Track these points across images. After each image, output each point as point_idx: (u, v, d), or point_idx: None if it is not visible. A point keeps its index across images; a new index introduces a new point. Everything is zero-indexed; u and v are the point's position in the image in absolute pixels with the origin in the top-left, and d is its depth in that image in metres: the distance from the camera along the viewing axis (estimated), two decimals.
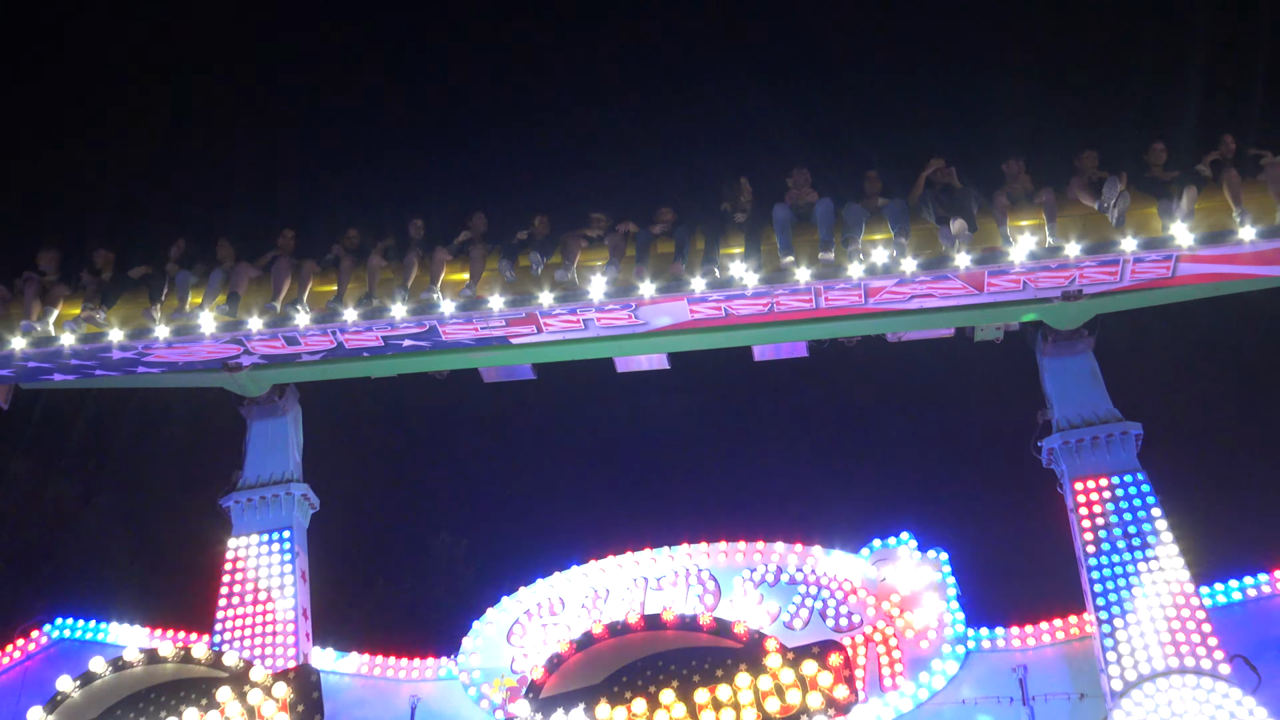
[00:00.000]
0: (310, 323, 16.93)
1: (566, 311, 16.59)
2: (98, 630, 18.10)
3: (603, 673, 12.21)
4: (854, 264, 15.89)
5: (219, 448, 18.54)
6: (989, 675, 16.05)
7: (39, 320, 17.47)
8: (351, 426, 19.39)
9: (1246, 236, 15.26)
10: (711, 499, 19.14)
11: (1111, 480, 16.04)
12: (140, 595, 18.56)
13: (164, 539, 19.47)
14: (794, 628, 16.29)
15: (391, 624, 18.10)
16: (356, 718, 16.95)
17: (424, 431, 20.33)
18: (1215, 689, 14.44)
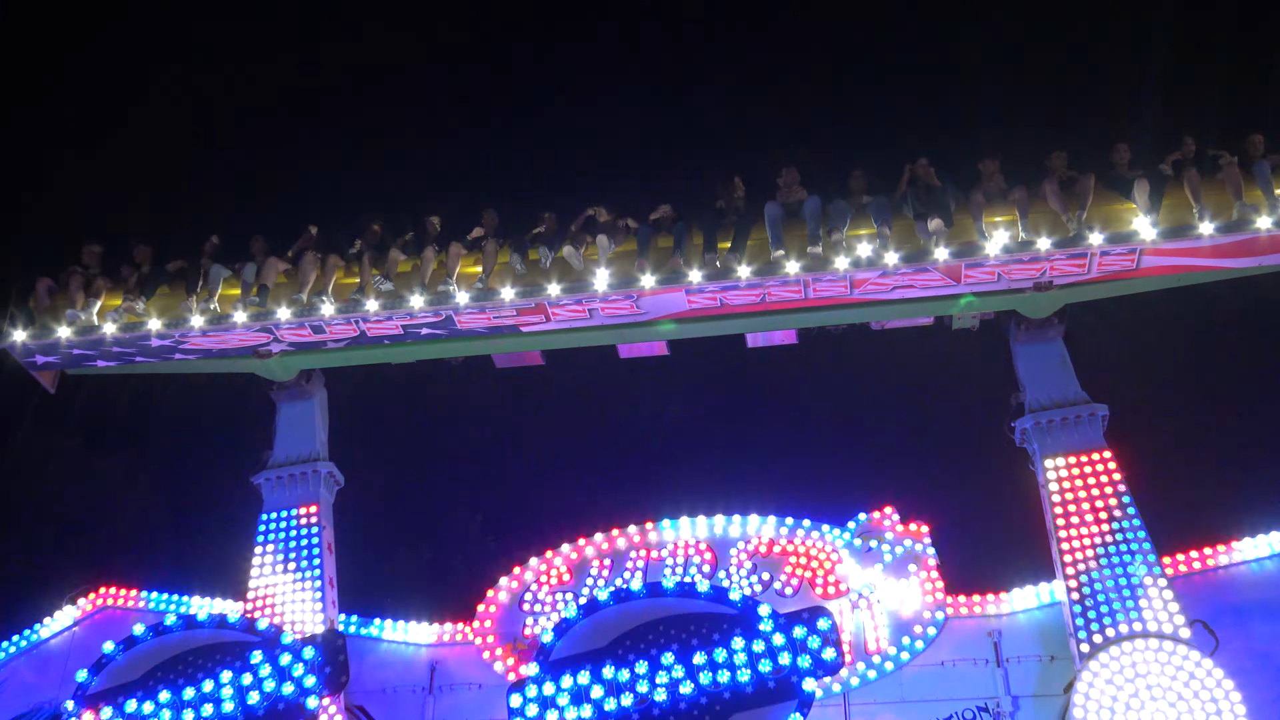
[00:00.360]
0: (335, 312, 16.98)
1: (573, 302, 16.64)
2: (138, 598, 18.25)
3: (608, 636, 12.22)
4: (840, 257, 15.94)
5: (250, 429, 18.56)
6: (966, 639, 16.08)
7: (83, 311, 17.52)
8: (374, 409, 19.43)
9: (1206, 231, 15.30)
10: (709, 476, 19.17)
11: (1080, 458, 16.05)
12: (178, 566, 18.63)
13: (200, 514, 19.52)
14: (785, 595, 16.30)
15: (412, 592, 18.14)
16: (380, 679, 17.02)
17: (441, 414, 20.36)
18: (1176, 651, 14.49)
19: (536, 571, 17.25)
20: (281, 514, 17.66)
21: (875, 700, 15.83)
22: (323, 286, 17.08)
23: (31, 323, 17.66)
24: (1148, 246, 15.46)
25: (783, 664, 11.83)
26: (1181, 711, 14.14)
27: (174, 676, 12.99)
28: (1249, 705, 14.11)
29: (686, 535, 17.06)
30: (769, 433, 20.83)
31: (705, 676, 11.84)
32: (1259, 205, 15.23)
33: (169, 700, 12.78)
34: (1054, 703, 15.33)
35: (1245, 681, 14.33)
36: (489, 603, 17.18)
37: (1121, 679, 14.44)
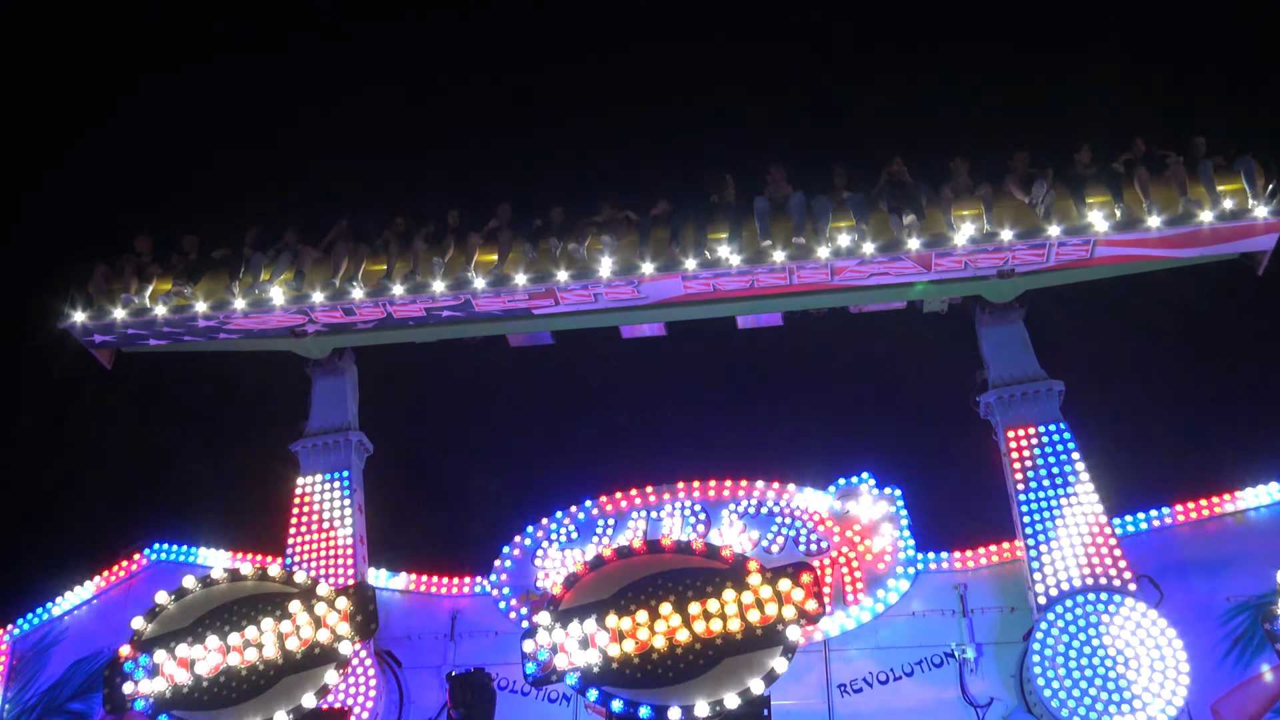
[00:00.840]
0: (364, 296, 17.05)
1: (580, 287, 16.70)
2: (189, 554, 18.32)
3: (611, 589, 12.20)
4: (822, 247, 16.01)
5: (288, 401, 18.62)
6: (935, 592, 16.18)
7: (136, 294, 17.60)
8: (400, 383, 19.44)
9: (1154, 224, 15.37)
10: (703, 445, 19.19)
11: (1038, 429, 16.12)
12: (224, 525, 18.65)
13: (243, 478, 19.55)
14: (772, 552, 16.40)
15: (435, 549, 18.14)
16: (406, 627, 17.17)
17: (461, 388, 20.35)
18: (1124, 603, 14.60)
19: (547, 530, 17.34)
20: (316, 478, 17.75)
21: (852, 647, 15.98)
22: (353, 273, 17.16)
23: (90, 305, 17.75)
24: (1101, 238, 15.53)
25: (769, 614, 11.83)
26: (1129, 657, 14.24)
27: (220, 624, 12.99)
28: (1190, 651, 14.22)
29: (683, 498, 17.15)
30: (757, 405, 20.86)
31: (699, 625, 11.83)
32: (1202, 201, 15.30)
33: (216, 644, 12.83)
34: (1014, 649, 15.41)
35: (1186, 630, 14.44)
36: (504, 558, 17.25)
37: (1074, 628, 14.53)
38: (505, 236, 16.99)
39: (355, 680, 16.04)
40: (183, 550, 18.39)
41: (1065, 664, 14.35)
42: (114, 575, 18.56)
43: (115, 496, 21.39)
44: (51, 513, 21.88)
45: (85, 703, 17.64)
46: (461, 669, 13.00)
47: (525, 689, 15.61)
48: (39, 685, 18.06)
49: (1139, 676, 14.08)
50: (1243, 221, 15.22)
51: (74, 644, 18.24)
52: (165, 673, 12.81)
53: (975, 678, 15.53)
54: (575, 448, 20.01)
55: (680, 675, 11.69)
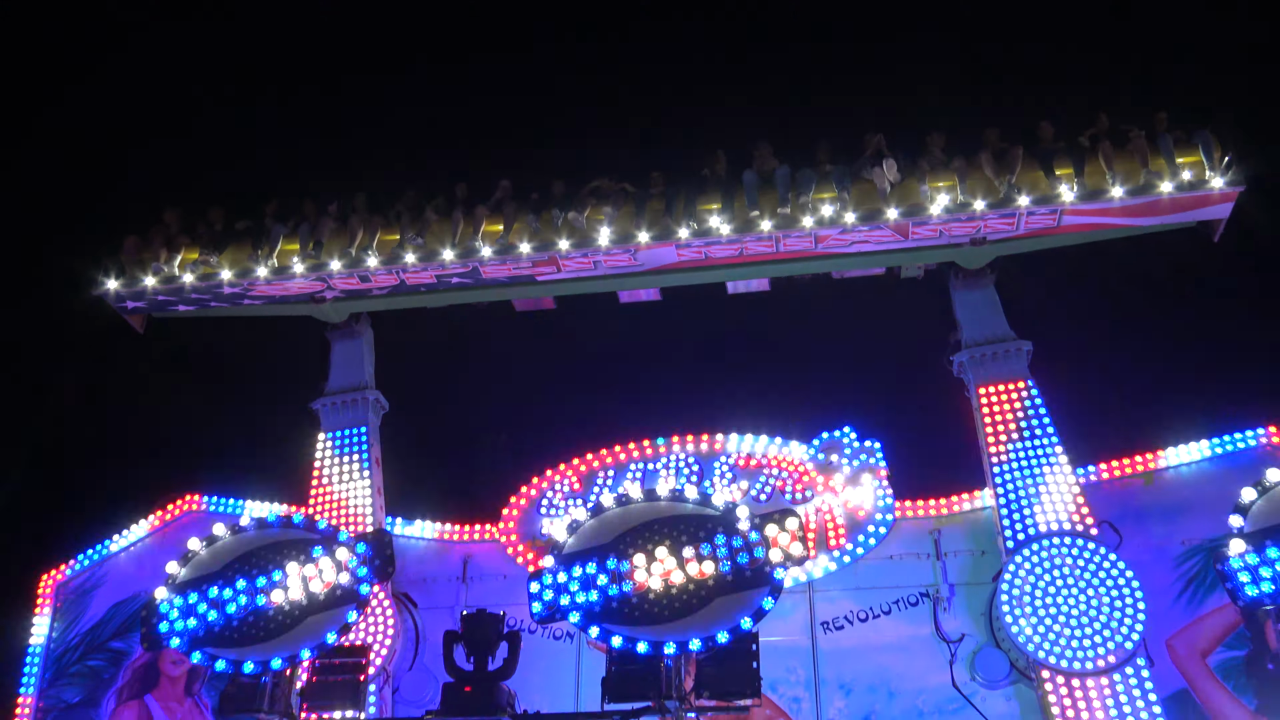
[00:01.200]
0: (378, 264, 17.04)
1: (580, 255, 16.68)
2: (219, 504, 18.44)
3: (611, 534, 12.17)
4: (806, 217, 15.99)
5: (309, 363, 18.64)
6: (911, 537, 16.34)
7: (165, 263, 17.59)
8: (412, 345, 19.41)
9: (1117, 195, 15.36)
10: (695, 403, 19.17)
11: (1007, 386, 16.17)
12: (250, 478, 18.66)
13: (268, 434, 19.53)
14: (760, 500, 16.53)
15: (447, 500, 18.14)
16: (421, 571, 17.35)
17: (470, 349, 20.33)
18: (1086, 546, 14.73)
19: (551, 481, 17.45)
20: (336, 434, 17.83)
21: (835, 587, 16.14)
22: (368, 243, 17.14)
23: (122, 274, 17.74)
24: (1067, 207, 15.50)
25: (758, 557, 11.79)
26: (1090, 596, 14.39)
27: (249, 567, 12.99)
28: (1146, 591, 14.38)
29: (677, 450, 17.24)
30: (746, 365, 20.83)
31: (693, 568, 11.81)
32: (1162, 172, 15.27)
33: (245, 586, 12.87)
34: (984, 589, 15.58)
35: (1143, 572, 14.61)
36: (512, 507, 17.39)
37: (1040, 570, 14.67)
38: (510, 208, 16.98)
39: (375, 620, 16.23)
40: (213, 501, 18.51)
41: (1031, 602, 14.49)
42: (149, 524, 18.69)
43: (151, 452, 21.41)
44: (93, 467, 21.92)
45: (125, 641, 17.81)
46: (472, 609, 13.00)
47: (532, 627, 15.78)
48: (82, 625, 18.21)
49: (1099, 614, 14.24)
50: (1200, 192, 15.19)
51: (114, 587, 18.38)
52: (198, 613, 12.87)
53: (948, 616, 15.71)
54: (577, 405, 20.01)
55: (675, 614, 11.74)
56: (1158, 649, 14.67)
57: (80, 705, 17.63)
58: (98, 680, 17.74)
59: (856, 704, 15.55)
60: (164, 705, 17.27)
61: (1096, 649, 14.06)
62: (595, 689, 12.14)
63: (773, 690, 15.25)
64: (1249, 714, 14.45)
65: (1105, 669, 13.97)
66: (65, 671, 17.95)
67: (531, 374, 21.08)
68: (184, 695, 17.24)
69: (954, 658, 15.41)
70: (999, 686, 15.16)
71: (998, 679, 15.13)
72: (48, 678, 17.90)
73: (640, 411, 18.50)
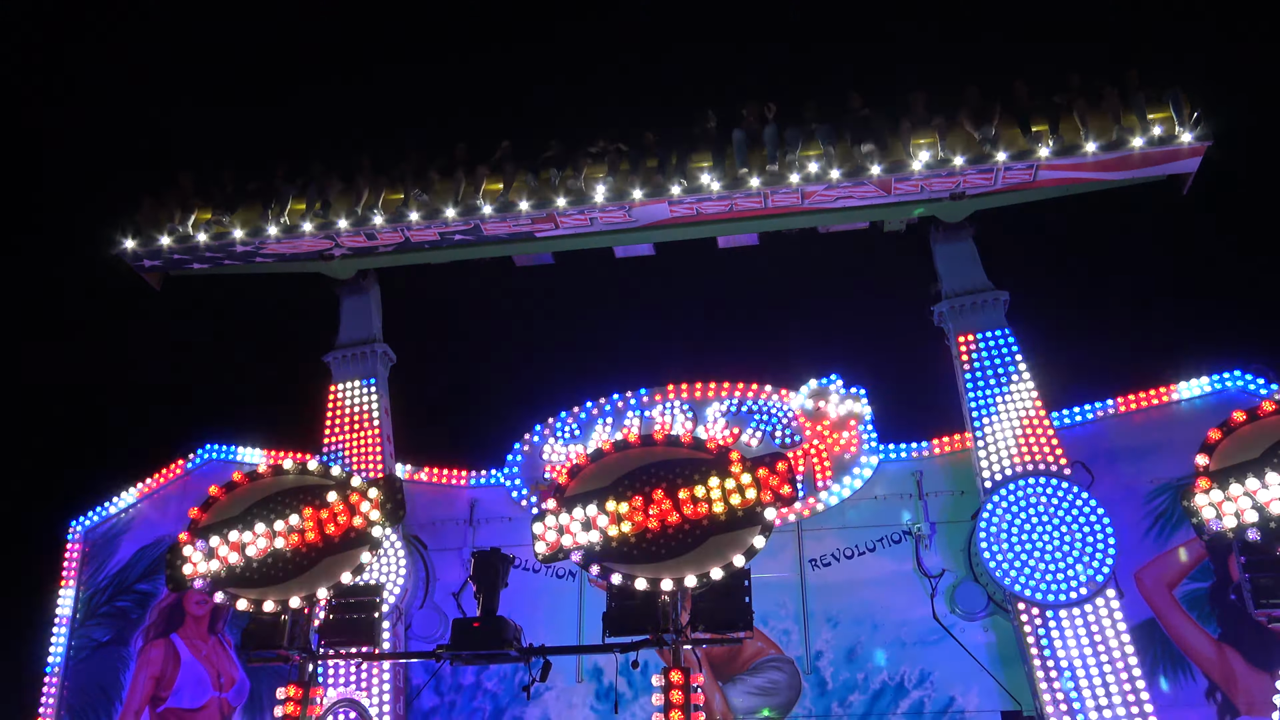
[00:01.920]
0: (384, 223, 17.02)
1: (577, 212, 16.69)
2: (236, 453, 18.58)
3: (610, 477, 12.19)
4: (793, 174, 15.97)
5: (320, 317, 18.66)
6: (895, 478, 16.50)
7: (180, 223, 17.57)
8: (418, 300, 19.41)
9: (1090, 150, 15.34)
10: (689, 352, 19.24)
11: (985, 334, 16.25)
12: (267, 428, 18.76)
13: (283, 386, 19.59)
14: (751, 445, 16.66)
15: (454, 447, 18.22)
16: (431, 514, 17.52)
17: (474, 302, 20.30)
18: (1060, 486, 14.88)
19: (553, 428, 17.57)
20: (347, 385, 17.92)
21: (822, 526, 16.32)
22: (374, 202, 17.10)
23: (139, 234, 17.72)
24: (1043, 162, 15.49)
25: (749, 498, 11.82)
26: (1063, 533, 14.57)
27: (267, 512, 13.02)
28: (1116, 527, 14.58)
29: (672, 398, 17.34)
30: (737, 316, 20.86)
31: (688, 509, 11.83)
32: (1133, 129, 15.26)
33: (263, 530, 12.95)
34: (963, 527, 15.79)
35: (1114, 509, 14.80)
36: (516, 453, 17.53)
37: (1016, 508, 14.84)
38: (510, 168, 16.94)
39: (387, 560, 16.43)
40: (232, 450, 18.64)
41: (1007, 539, 14.67)
42: (172, 473, 18.85)
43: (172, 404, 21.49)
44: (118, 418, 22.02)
45: (150, 583, 18.01)
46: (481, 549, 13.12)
47: (536, 566, 15.98)
48: (109, 569, 18.40)
49: (1072, 549, 14.43)
50: (1170, 146, 15.19)
51: (139, 533, 18.57)
52: (220, 555, 12.96)
53: (929, 552, 15.89)
54: (575, 355, 20.05)
55: (671, 552, 11.82)
56: (1127, 582, 14.89)
57: (110, 644, 17.88)
58: (126, 620, 17.98)
59: (843, 636, 15.79)
60: (189, 643, 17.50)
61: (1069, 582, 14.26)
62: (597, 624, 12.26)
63: (764, 623, 15.46)
64: (1212, 641, 14.71)
65: (1077, 601, 14.19)
66: (95, 612, 18.18)
67: (531, 327, 21.11)
68: (208, 633, 17.47)
69: (935, 592, 15.61)
70: (977, 618, 15.40)
71: (976, 611, 15.36)
72: (78, 618, 18.13)
73: (636, 361, 18.55)
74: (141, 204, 17.85)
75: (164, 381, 21.58)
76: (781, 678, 15.71)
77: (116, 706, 17.45)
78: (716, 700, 15.58)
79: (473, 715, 16.33)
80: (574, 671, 16.16)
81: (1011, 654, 14.96)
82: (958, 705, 15.12)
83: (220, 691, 17.11)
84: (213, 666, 17.27)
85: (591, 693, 16.10)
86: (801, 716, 15.46)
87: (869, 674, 15.53)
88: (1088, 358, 18.32)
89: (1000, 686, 14.96)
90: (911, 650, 15.50)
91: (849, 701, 15.44)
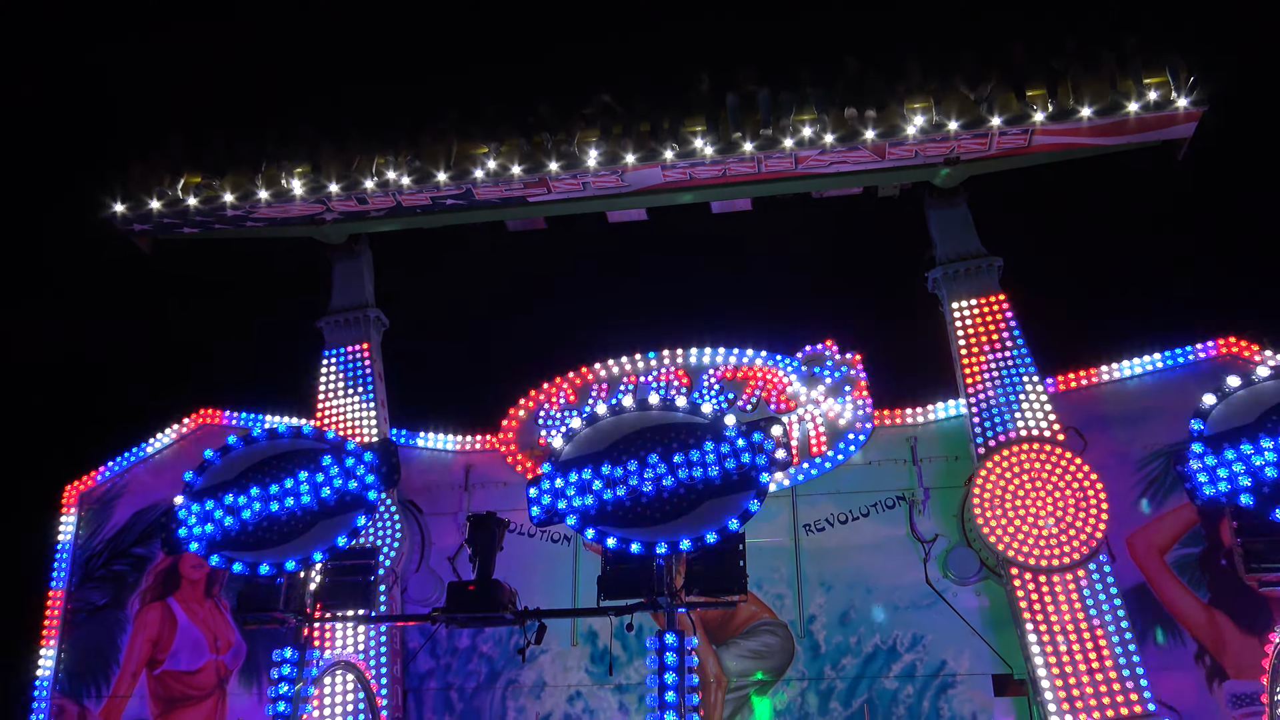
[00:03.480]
0: (375, 187, 16.93)
1: (570, 177, 16.61)
2: (230, 417, 18.58)
3: (605, 441, 12.18)
4: (787, 139, 15.91)
5: (312, 283, 18.59)
6: (889, 444, 16.53)
7: (170, 187, 17.46)
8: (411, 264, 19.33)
9: (1085, 115, 15.31)
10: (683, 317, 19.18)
11: (979, 300, 16.29)
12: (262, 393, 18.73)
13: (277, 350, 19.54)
14: (746, 409, 16.70)
15: (447, 412, 18.22)
16: (426, 478, 17.53)
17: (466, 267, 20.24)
18: (1053, 451, 14.92)
19: (549, 394, 17.56)
20: (340, 350, 17.92)
21: (817, 491, 16.39)
22: (366, 166, 16.99)
23: (129, 197, 17.60)
24: (1038, 127, 15.45)
25: (744, 462, 11.83)
26: (1056, 498, 14.63)
27: (262, 476, 13.03)
28: (1108, 493, 14.64)
29: (668, 363, 17.34)
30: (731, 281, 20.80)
31: (683, 472, 11.86)
32: (1129, 93, 15.21)
33: (258, 494, 12.96)
34: (956, 493, 15.83)
35: (1106, 475, 14.88)
36: (511, 418, 17.53)
37: (1010, 474, 14.88)
38: (502, 131, 16.82)
39: (383, 524, 16.45)
40: (227, 414, 18.64)
41: (1001, 504, 14.71)
42: (167, 437, 18.80)
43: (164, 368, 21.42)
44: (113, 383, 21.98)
45: (147, 547, 18.05)
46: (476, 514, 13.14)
47: (531, 531, 16.05)
48: (106, 532, 18.42)
49: (1064, 514, 14.49)
50: (1166, 111, 15.16)
51: (135, 497, 18.59)
52: (215, 519, 12.97)
53: (923, 517, 15.96)
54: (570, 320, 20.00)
55: (666, 516, 11.86)
56: (1119, 547, 15.01)
57: (107, 607, 17.93)
58: (122, 584, 18.01)
59: (836, 600, 15.88)
60: (185, 606, 17.56)
61: (1062, 547, 14.34)
62: (592, 588, 12.37)
63: (758, 587, 15.52)
64: (1202, 606, 14.85)
65: (1069, 565, 14.27)
66: (92, 575, 18.21)
67: (526, 292, 21.05)
68: (204, 596, 17.53)
69: (928, 556, 15.69)
70: (970, 583, 15.50)
71: (968, 576, 15.44)
72: (75, 581, 18.17)
73: (631, 326, 18.51)
74: (130, 167, 17.70)
75: (159, 346, 21.51)
76: (775, 641, 15.81)
77: (114, 669, 17.52)
78: (710, 663, 15.68)
79: (468, 678, 16.42)
80: (569, 635, 16.25)
81: (1003, 618, 15.05)
82: (949, 669, 15.24)
83: (217, 654, 17.17)
84: (209, 629, 17.33)
85: (586, 656, 16.20)
86: (794, 679, 15.57)
87: (862, 638, 15.63)
88: (1081, 324, 18.34)
89: (992, 650, 15.08)
90: (904, 614, 15.60)
91: (841, 665, 15.55)
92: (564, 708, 16.02)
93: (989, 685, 15.00)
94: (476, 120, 17.13)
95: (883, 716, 15.19)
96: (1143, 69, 15.33)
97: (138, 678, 17.36)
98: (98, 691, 17.46)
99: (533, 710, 16.07)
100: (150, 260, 18.39)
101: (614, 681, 15.84)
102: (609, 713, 15.84)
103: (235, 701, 16.90)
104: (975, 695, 15.04)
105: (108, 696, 17.39)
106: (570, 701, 16.04)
